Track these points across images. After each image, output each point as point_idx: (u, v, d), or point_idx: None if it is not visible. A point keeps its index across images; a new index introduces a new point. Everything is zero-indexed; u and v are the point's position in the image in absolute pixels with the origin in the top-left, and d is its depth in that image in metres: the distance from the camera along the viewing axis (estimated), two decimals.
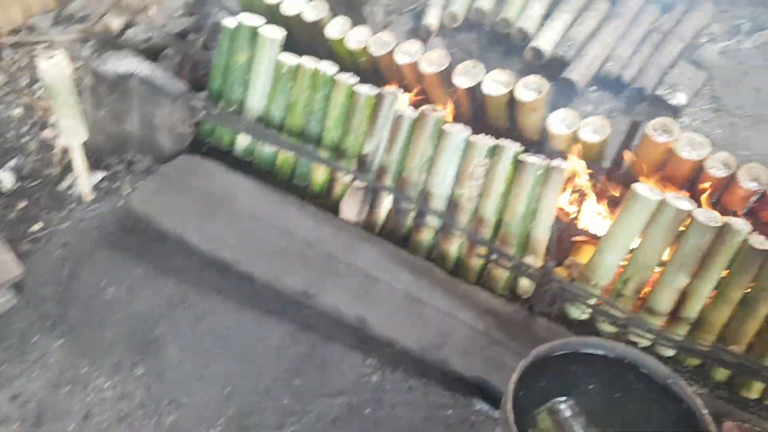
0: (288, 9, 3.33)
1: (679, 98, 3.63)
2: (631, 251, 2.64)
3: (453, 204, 2.88)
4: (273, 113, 3.17)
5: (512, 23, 3.96)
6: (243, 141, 3.28)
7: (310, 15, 3.31)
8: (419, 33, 4.07)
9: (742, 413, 2.46)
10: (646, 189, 2.55)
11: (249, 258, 2.72)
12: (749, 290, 2.48)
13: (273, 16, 3.44)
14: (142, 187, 2.93)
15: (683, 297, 2.59)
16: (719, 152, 2.73)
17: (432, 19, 4.03)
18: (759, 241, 2.42)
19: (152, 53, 3.41)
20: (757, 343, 2.53)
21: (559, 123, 2.96)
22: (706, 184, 2.70)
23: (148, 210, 2.85)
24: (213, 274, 2.80)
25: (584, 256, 2.88)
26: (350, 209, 2.95)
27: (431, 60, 3.13)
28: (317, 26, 3.31)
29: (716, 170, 2.70)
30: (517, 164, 2.74)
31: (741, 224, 2.45)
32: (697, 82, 3.71)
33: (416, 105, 3.10)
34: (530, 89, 2.97)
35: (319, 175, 3.17)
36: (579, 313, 2.78)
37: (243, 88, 3.19)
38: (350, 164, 3.06)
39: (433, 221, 2.92)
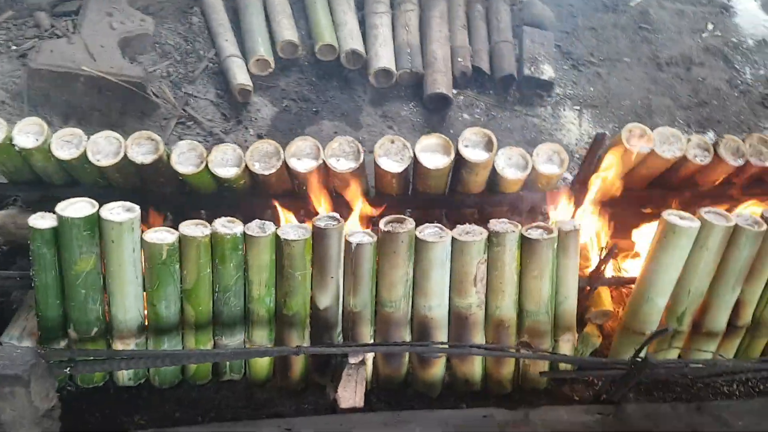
0: (102, 158, 2.21)
1: (547, 71, 3.31)
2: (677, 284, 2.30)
3: (461, 319, 2.24)
4: (163, 313, 2.13)
5: (339, 48, 3.23)
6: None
7: (143, 156, 2.23)
8: (233, 97, 3.13)
9: None
10: (678, 217, 2.19)
11: None
12: None
13: (75, 171, 2.30)
14: None
15: (737, 307, 2.35)
16: (692, 137, 2.48)
17: (241, 77, 3.11)
18: None
19: None
20: None
21: (509, 166, 2.45)
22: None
23: None
24: None
25: (603, 302, 2.50)
26: (353, 395, 2.13)
27: (336, 152, 2.34)
28: (155, 166, 2.26)
29: (700, 158, 2.45)
30: (525, 245, 2.18)
31: None
32: (548, 46, 3.42)
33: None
34: (474, 146, 2.38)
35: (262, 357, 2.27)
36: None
37: (100, 300, 2.09)
38: (303, 331, 2.22)
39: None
